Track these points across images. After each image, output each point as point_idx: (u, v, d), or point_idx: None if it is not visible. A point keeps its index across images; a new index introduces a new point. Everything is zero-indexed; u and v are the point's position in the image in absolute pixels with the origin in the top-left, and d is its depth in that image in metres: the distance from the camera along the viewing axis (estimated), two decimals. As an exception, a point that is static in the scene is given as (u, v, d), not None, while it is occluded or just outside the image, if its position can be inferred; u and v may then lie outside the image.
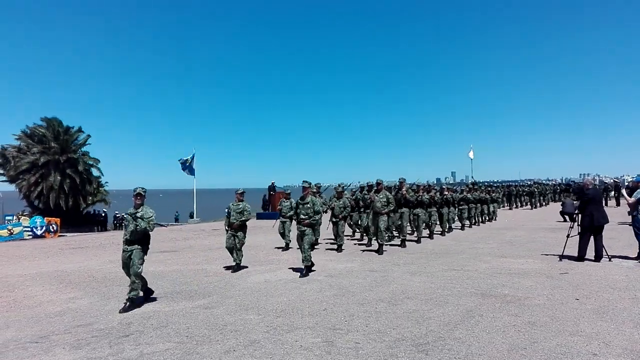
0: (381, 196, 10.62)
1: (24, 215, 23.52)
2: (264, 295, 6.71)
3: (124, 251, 6.29)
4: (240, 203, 9.06)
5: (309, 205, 8.33)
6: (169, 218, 35.70)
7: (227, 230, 9.04)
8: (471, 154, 31.25)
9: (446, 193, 14.79)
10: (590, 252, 8.66)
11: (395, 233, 12.99)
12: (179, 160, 27.17)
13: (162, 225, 7.82)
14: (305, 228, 8.27)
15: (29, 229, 19.90)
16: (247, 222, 9.18)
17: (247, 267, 9.15)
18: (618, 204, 25.62)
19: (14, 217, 22.63)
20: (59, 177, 30.38)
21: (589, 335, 4.49)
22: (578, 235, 8.83)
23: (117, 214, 33.01)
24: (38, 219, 20.71)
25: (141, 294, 6.44)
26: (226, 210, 9.22)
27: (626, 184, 25.20)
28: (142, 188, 6.45)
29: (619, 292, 6.19)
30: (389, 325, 5.03)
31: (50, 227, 20.73)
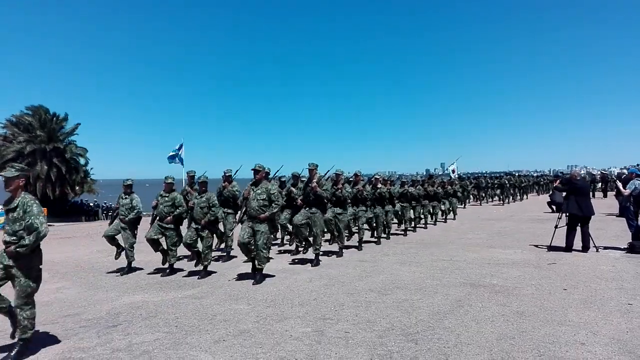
0: (259, 191, 6.89)
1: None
2: (254, 285, 6.68)
3: None
4: None
5: (16, 215, 4.29)
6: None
7: None
8: (453, 168, 29.79)
9: (380, 186, 10.85)
10: (578, 243, 8.76)
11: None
12: (169, 156, 25.89)
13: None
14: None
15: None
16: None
17: (236, 256, 9.10)
18: (605, 196, 25.98)
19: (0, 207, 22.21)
20: (45, 167, 29.98)
21: (577, 324, 4.54)
22: (566, 226, 8.92)
23: (104, 203, 32.76)
24: (24, 209, 20.38)
25: None
26: None
27: (617, 174, 25.42)
28: None
29: (606, 282, 6.26)
30: (378, 314, 5.04)
31: (37, 216, 20.46)
